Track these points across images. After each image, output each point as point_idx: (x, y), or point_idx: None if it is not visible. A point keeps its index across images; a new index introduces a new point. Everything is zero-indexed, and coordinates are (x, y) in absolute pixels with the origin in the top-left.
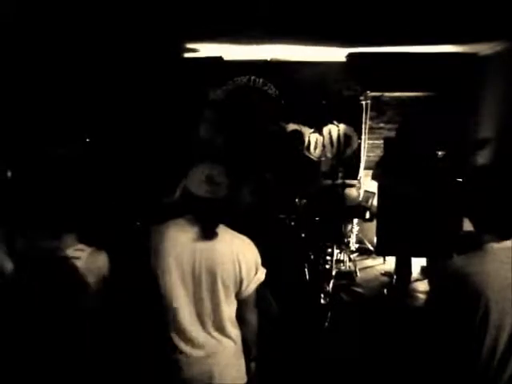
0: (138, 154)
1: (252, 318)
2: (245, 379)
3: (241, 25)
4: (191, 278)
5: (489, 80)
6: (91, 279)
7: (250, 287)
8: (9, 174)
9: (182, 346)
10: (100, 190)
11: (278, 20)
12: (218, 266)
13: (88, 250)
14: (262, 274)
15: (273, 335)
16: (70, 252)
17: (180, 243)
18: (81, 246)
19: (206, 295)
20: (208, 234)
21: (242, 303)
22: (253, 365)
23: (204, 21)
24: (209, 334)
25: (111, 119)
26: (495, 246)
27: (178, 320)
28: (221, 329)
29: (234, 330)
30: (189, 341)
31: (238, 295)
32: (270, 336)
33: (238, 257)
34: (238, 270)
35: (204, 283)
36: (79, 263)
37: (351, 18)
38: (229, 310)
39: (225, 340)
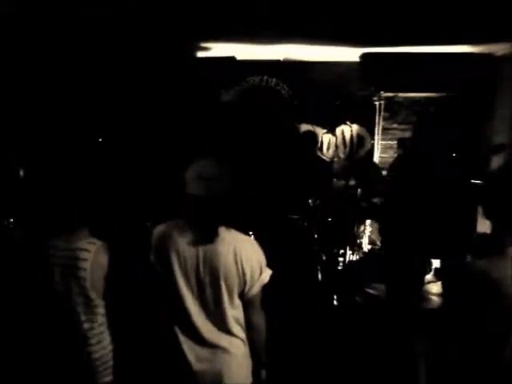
0: (149, 153)
1: (258, 320)
2: (250, 379)
3: (254, 24)
4: (194, 279)
5: (505, 80)
6: (98, 272)
7: (253, 288)
8: (21, 172)
9: (192, 343)
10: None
11: (292, 19)
12: (220, 268)
13: (98, 243)
14: (266, 275)
15: (284, 338)
16: (82, 244)
17: (181, 244)
18: (92, 240)
19: (209, 296)
20: (206, 236)
21: (247, 305)
22: (263, 372)
23: (217, 20)
24: (217, 333)
25: (123, 119)
26: None
27: (186, 319)
28: (227, 329)
29: (241, 331)
30: (198, 339)
31: (241, 297)
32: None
33: (240, 258)
34: (241, 271)
35: (207, 285)
36: (88, 256)
37: (365, 18)
38: (234, 311)
39: (233, 340)
